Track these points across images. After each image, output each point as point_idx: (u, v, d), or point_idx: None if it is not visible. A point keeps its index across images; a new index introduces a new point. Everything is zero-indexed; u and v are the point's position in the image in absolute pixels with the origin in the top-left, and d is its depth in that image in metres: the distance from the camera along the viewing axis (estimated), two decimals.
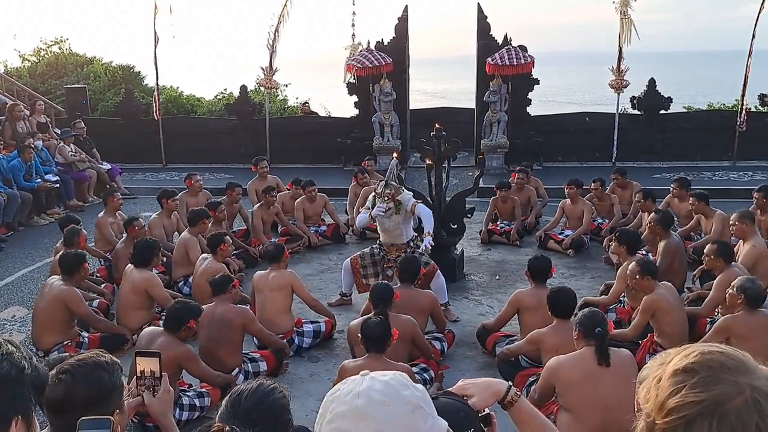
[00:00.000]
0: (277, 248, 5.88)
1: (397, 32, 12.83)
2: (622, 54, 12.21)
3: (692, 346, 1.14)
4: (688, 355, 1.11)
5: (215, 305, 5.02)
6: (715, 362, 1.08)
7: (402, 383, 1.18)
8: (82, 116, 13.81)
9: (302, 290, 5.76)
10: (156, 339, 4.37)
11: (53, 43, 19.71)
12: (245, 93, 14.02)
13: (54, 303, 5.30)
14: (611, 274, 6.85)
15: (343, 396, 1.16)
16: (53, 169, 10.55)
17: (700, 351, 1.11)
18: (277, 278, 5.64)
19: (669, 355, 1.15)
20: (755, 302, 4.43)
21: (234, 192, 8.24)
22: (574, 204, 8.11)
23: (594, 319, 3.82)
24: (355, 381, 1.19)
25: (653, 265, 5.13)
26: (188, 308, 4.51)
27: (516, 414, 1.54)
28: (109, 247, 7.36)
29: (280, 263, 5.72)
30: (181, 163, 13.52)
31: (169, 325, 4.44)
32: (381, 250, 6.41)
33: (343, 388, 1.19)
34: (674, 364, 1.11)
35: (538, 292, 4.95)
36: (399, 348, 4.54)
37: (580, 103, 29.96)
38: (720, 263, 5.39)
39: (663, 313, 5.00)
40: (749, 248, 5.82)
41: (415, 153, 12.58)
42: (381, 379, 1.18)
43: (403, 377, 1.21)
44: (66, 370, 1.81)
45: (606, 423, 3.61)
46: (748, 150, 12.17)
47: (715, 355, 1.10)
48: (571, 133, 13.01)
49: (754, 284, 4.48)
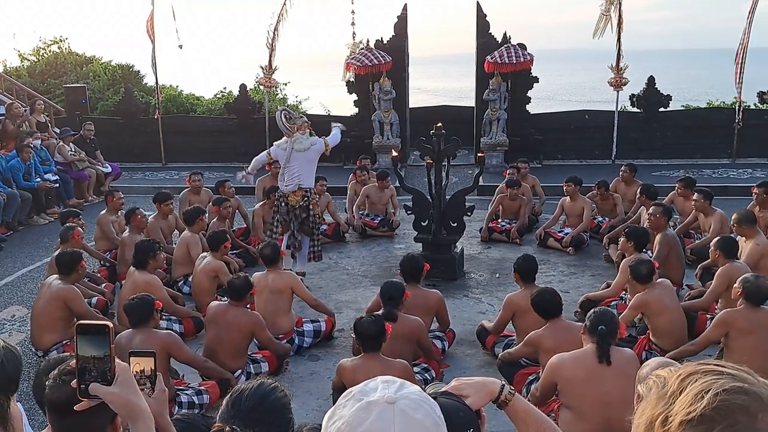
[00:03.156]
0: (274, 250, 5.79)
1: (397, 31, 12.83)
2: (621, 52, 12.22)
3: (695, 374, 0.98)
4: (701, 395, 0.94)
5: (228, 306, 4.98)
6: (734, 406, 0.93)
7: (434, 422, 1.14)
8: (82, 115, 13.83)
9: (303, 291, 5.74)
10: (133, 338, 4.31)
11: (52, 43, 19.69)
12: (245, 92, 14.01)
13: (53, 301, 5.28)
14: (611, 272, 6.86)
15: None
16: (53, 168, 10.55)
17: (714, 390, 0.94)
18: (276, 280, 5.61)
19: (667, 382, 1.00)
20: (755, 298, 4.41)
21: (225, 188, 8.22)
22: (574, 201, 8.11)
23: (601, 317, 3.81)
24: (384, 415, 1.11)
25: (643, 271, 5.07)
26: (145, 300, 4.43)
27: (512, 412, 1.54)
28: (111, 245, 7.36)
29: (278, 264, 5.69)
30: (181, 162, 13.53)
31: (136, 322, 4.39)
32: (282, 200, 6.87)
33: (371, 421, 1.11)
34: (686, 410, 0.95)
35: (528, 293, 4.93)
36: (404, 348, 4.54)
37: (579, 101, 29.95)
38: (720, 256, 5.43)
39: (654, 313, 5.01)
40: (752, 246, 5.83)
41: (414, 151, 12.58)
42: (414, 419, 1.11)
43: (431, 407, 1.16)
44: (70, 371, 1.76)
45: (608, 421, 3.60)
46: (748, 147, 12.18)
47: (732, 395, 0.94)
48: (571, 131, 13.02)
49: (757, 280, 4.45)
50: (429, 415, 1.14)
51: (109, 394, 1.37)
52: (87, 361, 1.38)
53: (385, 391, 1.15)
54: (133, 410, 1.41)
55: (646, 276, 5.06)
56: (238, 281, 5.06)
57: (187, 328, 5.76)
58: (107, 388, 1.36)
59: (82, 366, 1.38)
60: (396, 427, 1.10)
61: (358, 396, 1.17)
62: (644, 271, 5.06)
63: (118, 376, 1.38)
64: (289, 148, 6.78)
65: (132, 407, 1.40)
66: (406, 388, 1.18)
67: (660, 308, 4.98)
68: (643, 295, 5.02)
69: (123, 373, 1.38)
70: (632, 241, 5.81)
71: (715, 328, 4.53)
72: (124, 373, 1.39)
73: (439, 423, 1.14)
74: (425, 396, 1.19)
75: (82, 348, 1.39)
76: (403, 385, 1.18)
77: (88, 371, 1.38)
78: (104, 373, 1.38)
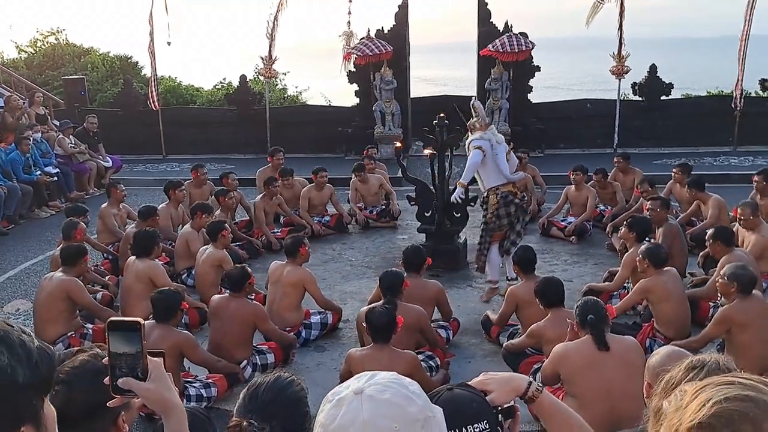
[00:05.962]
0: (295, 243, 5.69)
1: (398, 20, 12.76)
2: (623, 40, 12.16)
3: (708, 386, 1.01)
4: (704, 403, 0.98)
5: (230, 299, 4.98)
6: (734, 413, 0.96)
7: (404, 397, 1.12)
8: (81, 107, 13.78)
9: (315, 290, 5.67)
10: (151, 333, 4.29)
11: (50, 34, 19.65)
12: (245, 82, 13.96)
13: (55, 293, 5.27)
14: (614, 260, 6.86)
15: (346, 428, 1.09)
16: (53, 161, 10.52)
17: (716, 399, 0.98)
18: (291, 273, 5.56)
19: (685, 395, 1.03)
20: (744, 287, 4.43)
21: (228, 179, 8.18)
22: (579, 191, 8.10)
23: (586, 307, 3.90)
24: (352, 406, 1.10)
25: (659, 253, 5.10)
26: (172, 296, 4.45)
27: (539, 409, 1.53)
28: (113, 238, 7.35)
29: (296, 258, 5.61)
30: (182, 154, 13.50)
31: (159, 316, 4.39)
32: (509, 196, 6.17)
33: (341, 416, 1.10)
34: (690, 417, 0.99)
35: (530, 285, 4.93)
36: (407, 337, 4.54)
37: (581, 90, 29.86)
38: (720, 247, 5.43)
39: (658, 299, 5.02)
40: (757, 237, 5.83)
41: (417, 141, 12.55)
42: (381, 399, 1.10)
43: (400, 385, 1.14)
44: (62, 380, 1.74)
45: (612, 410, 3.63)
46: (749, 135, 12.14)
47: (733, 403, 0.97)
48: (573, 120, 12.99)
49: (744, 270, 4.48)
50: (397, 393, 1.12)
51: (144, 389, 1.37)
52: (118, 358, 1.37)
53: (355, 385, 1.15)
54: (167, 405, 1.41)
55: (664, 260, 5.08)
56: (234, 272, 5.08)
57: (192, 319, 5.76)
58: (141, 383, 1.36)
59: (113, 363, 1.38)
60: (365, 414, 1.09)
61: (330, 397, 1.17)
62: (663, 255, 5.09)
63: (152, 372, 1.37)
64: (493, 140, 6.20)
65: (165, 402, 1.40)
66: (376, 377, 1.16)
67: (665, 295, 4.98)
68: (648, 281, 5.02)
69: (156, 369, 1.38)
70: (634, 232, 5.81)
71: (716, 325, 4.54)
72: (157, 368, 1.38)
73: (411, 397, 1.12)
74: (396, 377, 1.17)
75: (114, 345, 1.38)
76: (373, 375, 1.17)
77: (119, 368, 1.37)
78: (135, 369, 1.37)
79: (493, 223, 6.20)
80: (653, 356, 2.44)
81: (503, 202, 6.15)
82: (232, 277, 5.03)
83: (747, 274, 4.44)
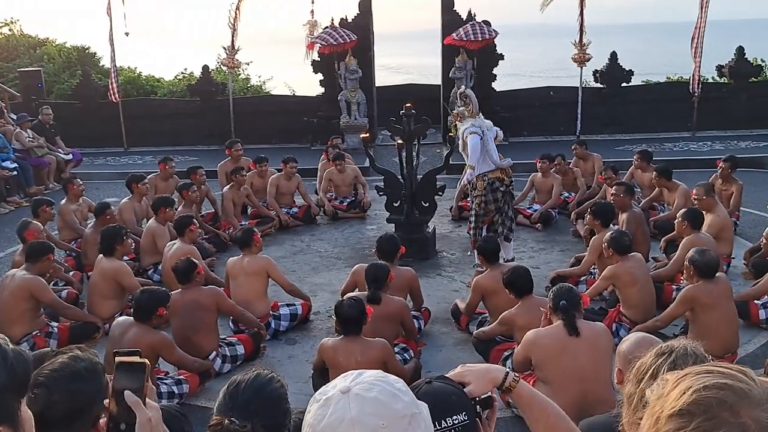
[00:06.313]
0: (246, 233, 5.75)
1: (361, 8, 12.69)
2: (584, 27, 12.30)
3: (688, 375, 1.05)
4: (684, 391, 1.02)
5: (183, 291, 4.95)
6: (712, 400, 0.99)
7: (390, 394, 1.13)
8: (38, 100, 13.40)
9: (278, 275, 5.70)
10: (128, 330, 4.31)
11: (3, 24, 18.99)
12: (207, 73, 13.74)
13: (18, 292, 5.16)
14: (580, 246, 6.99)
15: (334, 427, 1.10)
16: (11, 156, 10.22)
17: (695, 387, 1.01)
18: (251, 263, 5.57)
19: (667, 384, 1.07)
20: (706, 272, 4.56)
21: (197, 175, 8.04)
22: (545, 178, 8.21)
23: (560, 293, 3.97)
24: (339, 405, 1.11)
25: (622, 241, 5.21)
26: (156, 296, 4.43)
27: (517, 398, 1.57)
28: (74, 235, 7.21)
29: (252, 248, 5.63)
30: (144, 146, 13.23)
31: (139, 315, 4.36)
32: (496, 182, 6.33)
33: (329, 415, 1.11)
34: (670, 405, 1.02)
35: (495, 274, 5.00)
36: (387, 328, 4.57)
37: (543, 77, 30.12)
38: (686, 227, 5.61)
39: (626, 284, 5.14)
40: (713, 218, 6.02)
41: (383, 131, 12.54)
42: (368, 397, 1.12)
43: (386, 383, 1.16)
44: (40, 383, 1.71)
45: (583, 394, 3.71)
46: (707, 120, 12.45)
47: (712, 391, 1.00)
48: (536, 107, 13.13)
49: (703, 255, 4.61)
50: (384, 390, 1.14)
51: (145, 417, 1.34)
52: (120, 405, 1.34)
53: (341, 384, 1.16)
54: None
55: (628, 247, 5.20)
56: (179, 264, 5.01)
57: None
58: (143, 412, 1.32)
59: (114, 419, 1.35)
60: (352, 412, 1.10)
61: (318, 396, 1.18)
62: (627, 242, 5.21)
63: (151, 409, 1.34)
64: (483, 127, 6.36)
65: None
66: (362, 375, 1.18)
67: (631, 280, 5.11)
68: (615, 267, 5.14)
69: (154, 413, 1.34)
70: (599, 219, 5.92)
71: (679, 304, 4.67)
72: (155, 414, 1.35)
73: (397, 394, 1.14)
74: (382, 375, 1.18)
75: (119, 381, 1.37)
76: (360, 374, 1.18)
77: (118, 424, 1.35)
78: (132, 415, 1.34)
79: (482, 210, 6.44)
80: (623, 342, 2.51)
81: (489, 189, 6.34)
82: (178, 269, 4.98)
83: (707, 259, 4.58)
